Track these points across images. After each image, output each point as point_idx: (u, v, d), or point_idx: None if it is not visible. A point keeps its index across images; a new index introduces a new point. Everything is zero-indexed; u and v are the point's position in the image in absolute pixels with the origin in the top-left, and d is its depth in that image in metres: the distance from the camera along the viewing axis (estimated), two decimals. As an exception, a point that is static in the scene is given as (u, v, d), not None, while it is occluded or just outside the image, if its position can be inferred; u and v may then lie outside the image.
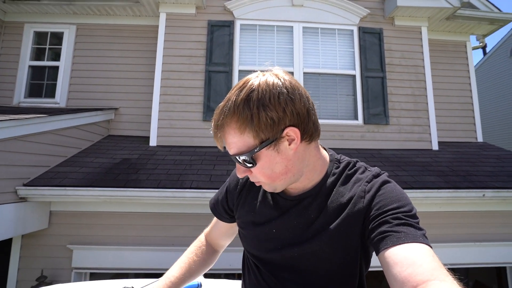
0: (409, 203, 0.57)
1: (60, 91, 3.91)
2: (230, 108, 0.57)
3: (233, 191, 0.79)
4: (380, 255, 0.51)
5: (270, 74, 0.59)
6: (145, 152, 3.29)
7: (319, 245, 0.62)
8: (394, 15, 3.94)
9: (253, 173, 0.61)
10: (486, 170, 3.18)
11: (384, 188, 0.60)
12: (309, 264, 0.65)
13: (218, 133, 0.59)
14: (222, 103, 0.60)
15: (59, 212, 2.72)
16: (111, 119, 3.89)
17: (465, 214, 2.96)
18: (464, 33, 4.42)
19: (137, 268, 2.69)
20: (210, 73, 3.71)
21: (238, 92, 0.57)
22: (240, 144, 0.57)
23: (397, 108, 3.82)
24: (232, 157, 0.60)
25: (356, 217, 0.60)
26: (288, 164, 0.60)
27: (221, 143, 0.60)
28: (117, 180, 2.58)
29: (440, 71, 4.29)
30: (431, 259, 0.45)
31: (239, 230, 0.78)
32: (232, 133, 0.57)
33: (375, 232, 0.54)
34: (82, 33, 4.05)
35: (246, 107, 0.55)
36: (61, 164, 2.88)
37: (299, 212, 0.66)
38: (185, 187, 2.51)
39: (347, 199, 0.62)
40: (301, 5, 3.87)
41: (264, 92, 0.56)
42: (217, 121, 0.58)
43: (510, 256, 2.95)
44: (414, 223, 0.53)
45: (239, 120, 0.56)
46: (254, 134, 0.56)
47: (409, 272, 0.44)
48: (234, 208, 0.78)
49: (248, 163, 0.59)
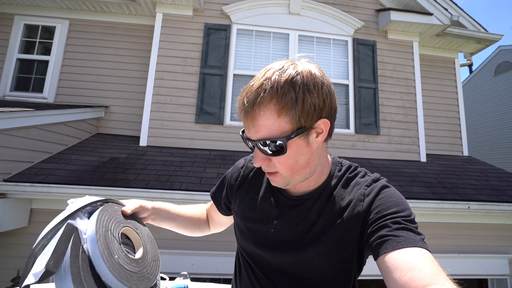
0: (408, 208, 0.57)
1: (49, 86, 3.80)
2: (272, 87, 0.52)
3: (234, 183, 0.77)
4: (380, 259, 0.50)
5: (309, 63, 0.57)
6: (135, 152, 3.22)
7: (315, 254, 0.61)
8: (387, 29, 4.06)
9: (272, 163, 0.57)
10: (471, 183, 3.26)
11: (383, 192, 0.60)
12: (302, 270, 0.63)
13: (250, 112, 0.53)
14: (256, 82, 0.54)
15: (41, 210, 2.60)
16: (100, 117, 3.80)
17: (450, 226, 3.01)
18: (453, 50, 4.59)
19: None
20: (205, 75, 3.70)
21: (280, 72, 0.53)
22: (273, 128, 0.53)
23: (388, 119, 3.90)
24: (254, 142, 0.55)
25: (355, 220, 0.59)
26: (310, 158, 0.58)
27: (251, 124, 0.54)
28: (104, 179, 2.50)
29: (429, 85, 4.42)
30: (431, 264, 0.45)
31: (235, 224, 0.76)
32: (267, 115, 0.52)
33: (374, 236, 0.53)
34: (75, 28, 3.97)
35: (291, 88, 0.52)
36: (46, 160, 2.78)
37: (300, 213, 0.64)
38: (174, 189, 2.46)
39: (347, 203, 0.62)
40: (297, 14, 3.93)
41: (308, 79, 0.54)
42: (253, 99, 0.53)
43: (491, 269, 3.02)
44: (413, 227, 0.52)
45: (280, 102, 0.52)
46: (293, 119, 0.52)
47: (410, 277, 0.43)
48: (232, 200, 0.76)
49: (277, 150, 0.54)
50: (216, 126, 3.62)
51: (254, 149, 0.58)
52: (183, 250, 2.59)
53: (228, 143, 3.60)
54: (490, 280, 3.17)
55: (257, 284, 0.68)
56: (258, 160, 0.57)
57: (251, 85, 0.55)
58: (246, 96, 0.54)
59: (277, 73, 0.54)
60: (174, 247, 2.63)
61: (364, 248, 0.60)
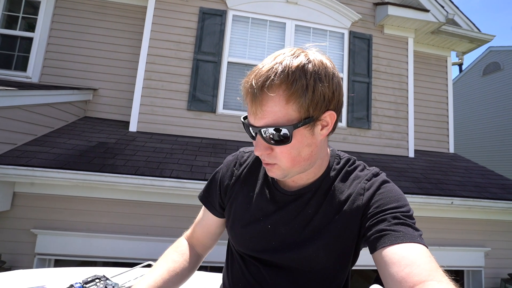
0: (407, 204, 0.57)
1: (33, 65, 3.62)
2: (283, 71, 0.49)
3: (227, 182, 0.72)
4: (377, 253, 0.50)
5: (320, 53, 0.56)
6: (124, 137, 3.14)
7: (314, 250, 0.60)
8: (384, 23, 4.05)
9: (273, 153, 0.55)
10: (455, 179, 3.37)
11: (384, 187, 0.60)
12: (300, 265, 0.62)
13: (258, 96, 0.50)
14: (266, 65, 0.51)
15: (24, 194, 2.52)
16: (88, 99, 3.67)
17: (433, 220, 3.12)
18: (446, 48, 4.64)
19: (106, 257, 2.57)
20: (198, 61, 3.61)
21: (291, 58, 0.51)
22: (280, 115, 0.50)
23: (380, 114, 3.94)
24: (257, 129, 0.53)
25: (354, 214, 0.59)
26: (313, 150, 0.56)
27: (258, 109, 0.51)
28: (92, 164, 2.44)
29: (421, 82, 4.47)
30: (429, 260, 0.45)
31: (229, 225, 0.71)
32: (275, 100, 0.50)
33: (373, 230, 0.53)
34: (62, 5, 3.76)
35: (302, 75, 0.50)
36: (30, 143, 2.68)
37: (298, 207, 0.63)
38: (164, 176, 2.43)
39: (346, 196, 0.61)
40: (295, 3, 3.86)
41: (319, 68, 0.52)
42: (263, 82, 0.50)
43: (468, 261, 3.17)
44: (412, 223, 0.53)
45: (290, 88, 0.49)
46: (301, 107, 0.50)
47: (407, 272, 0.43)
48: (226, 199, 0.72)
49: (281, 139, 0.51)
50: (208, 114, 3.57)
51: (256, 137, 0.55)
52: (166, 237, 2.58)
53: (220, 132, 3.56)
54: (466, 271, 3.34)
55: (250, 277, 0.66)
56: (259, 149, 0.55)
57: (260, 68, 0.53)
58: (255, 78, 0.51)
59: (288, 58, 0.51)
60: (162, 234, 2.62)
61: (360, 241, 0.60)
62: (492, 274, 3.19)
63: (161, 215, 2.68)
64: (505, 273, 3.17)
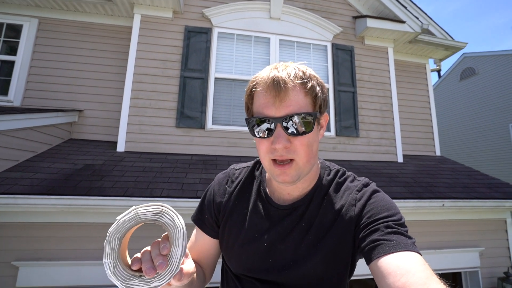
0: (399, 212, 0.57)
1: (15, 88, 3.53)
2: (296, 72, 0.55)
3: (220, 198, 0.71)
4: (372, 264, 0.50)
5: (307, 66, 0.61)
6: (112, 158, 3.07)
7: (311, 266, 0.59)
8: (364, 35, 4.21)
9: (292, 146, 0.55)
10: (444, 181, 3.44)
11: (374, 197, 0.60)
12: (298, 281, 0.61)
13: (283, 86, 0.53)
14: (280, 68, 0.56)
15: (5, 224, 2.39)
16: (74, 121, 3.59)
17: (426, 223, 3.15)
18: (424, 56, 4.86)
19: (97, 286, 2.44)
20: (186, 78, 3.62)
21: (296, 66, 0.57)
22: (302, 104, 0.55)
23: (367, 121, 4.02)
24: (280, 119, 0.54)
25: (347, 226, 0.59)
26: (317, 148, 0.60)
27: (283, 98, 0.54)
28: (78, 187, 2.35)
29: (404, 89, 4.64)
30: (423, 268, 0.45)
31: (223, 246, 0.69)
32: (297, 91, 0.55)
33: (367, 240, 0.53)
34: (45, 27, 3.74)
35: (311, 77, 0.57)
36: (11, 169, 2.57)
37: (293, 222, 0.62)
38: (155, 196, 2.36)
39: (339, 208, 0.61)
40: (278, 18, 3.98)
41: (316, 76, 0.59)
42: (285, 75, 0.54)
43: (464, 262, 3.19)
44: (404, 231, 0.53)
45: (306, 85, 0.55)
46: (314, 102, 0.56)
47: (403, 282, 0.43)
48: (220, 217, 0.70)
49: (304, 128, 0.54)
50: (198, 131, 3.55)
51: (275, 130, 0.55)
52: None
53: (210, 148, 3.54)
54: (463, 273, 3.35)
55: None
56: (281, 141, 0.54)
57: (275, 67, 0.57)
58: (276, 70, 0.56)
59: (294, 67, 0.57)
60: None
61: (356, 252, 0.60)
62: (489, 273, 3.21)
63: (153, 236, 2.58)
64: (500, 271, 3.20)
